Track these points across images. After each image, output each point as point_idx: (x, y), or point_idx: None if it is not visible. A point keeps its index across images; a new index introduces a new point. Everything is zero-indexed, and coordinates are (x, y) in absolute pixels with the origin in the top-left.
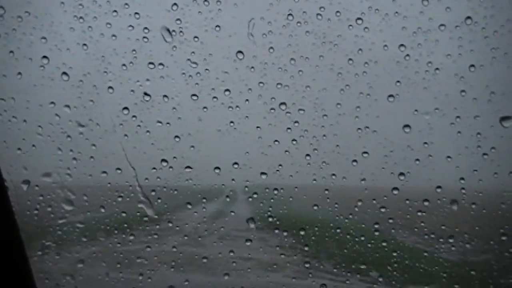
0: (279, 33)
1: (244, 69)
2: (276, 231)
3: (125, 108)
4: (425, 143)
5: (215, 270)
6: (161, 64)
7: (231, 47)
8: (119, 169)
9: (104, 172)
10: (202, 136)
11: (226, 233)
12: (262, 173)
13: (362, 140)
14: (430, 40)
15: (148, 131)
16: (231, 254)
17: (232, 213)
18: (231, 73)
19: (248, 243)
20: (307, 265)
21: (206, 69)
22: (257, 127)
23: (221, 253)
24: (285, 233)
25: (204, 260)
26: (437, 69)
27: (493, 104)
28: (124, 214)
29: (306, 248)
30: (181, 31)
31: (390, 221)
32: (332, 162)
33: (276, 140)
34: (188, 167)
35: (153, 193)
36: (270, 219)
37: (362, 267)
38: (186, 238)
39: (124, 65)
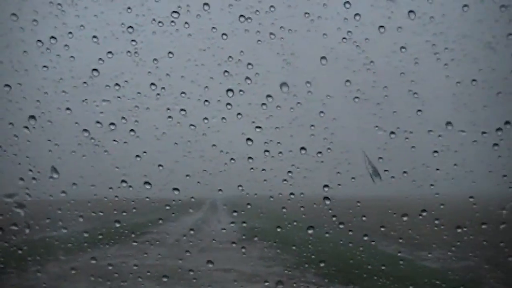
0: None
1: (200, 88)
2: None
3: (85, 130)
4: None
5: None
6: (117, 84)
7: (187, 67)
8: (75, 184)
9: (64, 192)
10: (159, 155)
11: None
12: (219, 190)
13: (339, 153)
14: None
15: (106, 151)
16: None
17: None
18: (187, 93)
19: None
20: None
21: (162, 88)
22: (213, 145)
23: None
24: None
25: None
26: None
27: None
28: (86, 234)
29: (287, 259)
30: (136, 52)
31: (371, 230)
32: (310, 175)
33: (232, 158)
34: (146, 182)
35: (115, 212)
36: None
37: (343, 276)
38: (145, 255)
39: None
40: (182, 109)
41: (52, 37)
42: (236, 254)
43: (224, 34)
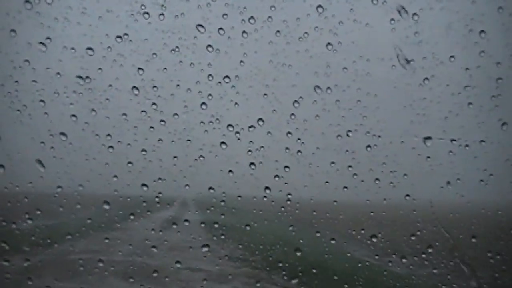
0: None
1: (173, 83)
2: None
3: (55, 121)
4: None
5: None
6: (88, 77)
7: (161, 62)
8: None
9: (31, 182)
10: (129, 149)
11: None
12: (186, 185)
13: (310, 155)
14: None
15: (70, 143)
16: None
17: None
18: (159, 87)
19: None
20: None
21: (135, 86)
22: (188, 140)
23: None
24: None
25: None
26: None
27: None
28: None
29: (255, 259)
30: (109, 47)
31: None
32: (279, 178)
33: (201, 156)
34: (115, 176)
35: (78, 206)
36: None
37: (309, 279)
38: (113, 251)
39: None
40: (153, 103)
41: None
42: (202, 253)
43: (198, 26)
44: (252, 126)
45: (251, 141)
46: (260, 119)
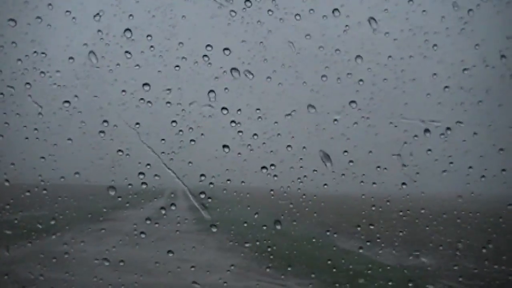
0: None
1: (159, 63)
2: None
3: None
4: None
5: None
6: (71, 58)
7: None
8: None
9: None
10: (115, 134)
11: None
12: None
13: (295, 140)
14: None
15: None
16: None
17: None
18: (149, 80)
19: None
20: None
21: (117, 64)
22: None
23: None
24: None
25: None
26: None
27: None
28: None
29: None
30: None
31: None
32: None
33: (192, 140)
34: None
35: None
36: None
37: (299, 269)
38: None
39: None
40: (145, 84)
41: None
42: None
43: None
44: (239, 109)
45: (239, 123)
46: (251, 105)
